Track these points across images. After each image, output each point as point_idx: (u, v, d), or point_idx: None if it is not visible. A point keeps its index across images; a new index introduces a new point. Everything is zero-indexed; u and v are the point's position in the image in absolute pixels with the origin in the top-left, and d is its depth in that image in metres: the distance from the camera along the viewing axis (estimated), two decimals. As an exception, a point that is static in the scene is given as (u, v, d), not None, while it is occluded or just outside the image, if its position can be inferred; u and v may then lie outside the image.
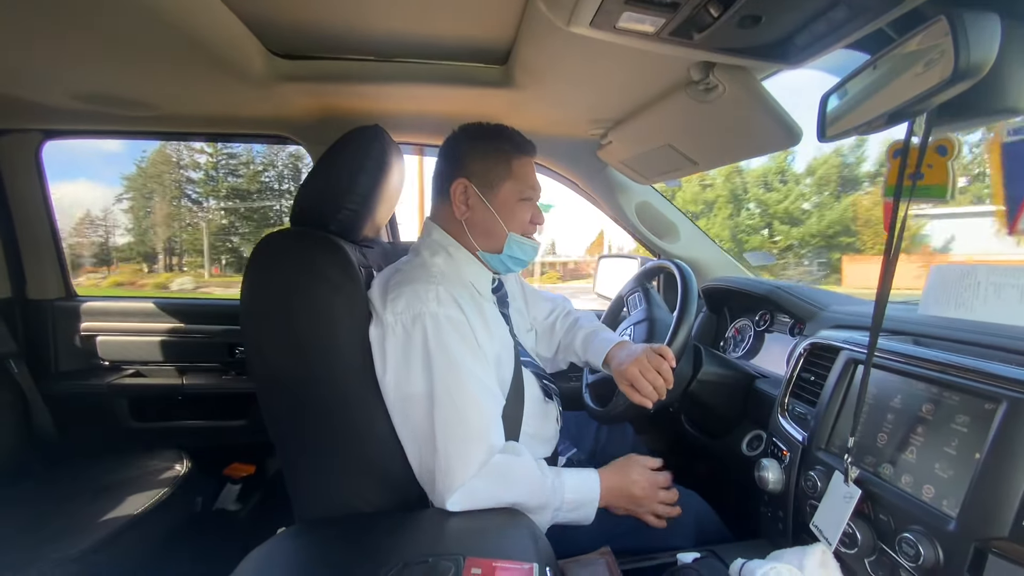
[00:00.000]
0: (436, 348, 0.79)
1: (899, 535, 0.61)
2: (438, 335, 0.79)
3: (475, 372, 0.81)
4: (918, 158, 0.60)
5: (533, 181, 0.96)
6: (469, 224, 0.93)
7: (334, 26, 0.94)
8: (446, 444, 0.78)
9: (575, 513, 0.85)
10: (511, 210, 0.93)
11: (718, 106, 0.94)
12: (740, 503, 1.00)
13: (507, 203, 0.93)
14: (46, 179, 1.58)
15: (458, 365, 0.79)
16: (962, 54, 0.51)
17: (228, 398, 1.61)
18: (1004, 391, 0.59)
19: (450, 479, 0.77)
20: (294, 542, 0.77)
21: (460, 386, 0.78)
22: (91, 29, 0.83)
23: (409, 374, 0.80)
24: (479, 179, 0.91)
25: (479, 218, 0.93)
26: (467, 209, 0.92)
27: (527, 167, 0.95)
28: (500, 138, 0.93)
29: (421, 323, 0.80)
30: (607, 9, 0.65)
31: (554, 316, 1.22)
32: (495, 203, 0.92)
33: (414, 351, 0.80)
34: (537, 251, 0.98)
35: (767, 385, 1.08)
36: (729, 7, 0.62)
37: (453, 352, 0.79)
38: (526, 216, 0.95)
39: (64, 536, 1.03)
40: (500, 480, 0.79)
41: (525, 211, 0.95)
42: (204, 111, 1.31)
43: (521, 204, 0.94)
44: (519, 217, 0.94)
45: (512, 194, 0.93)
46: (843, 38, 0.66)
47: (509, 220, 0.93)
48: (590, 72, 0.99)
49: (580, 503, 0.85)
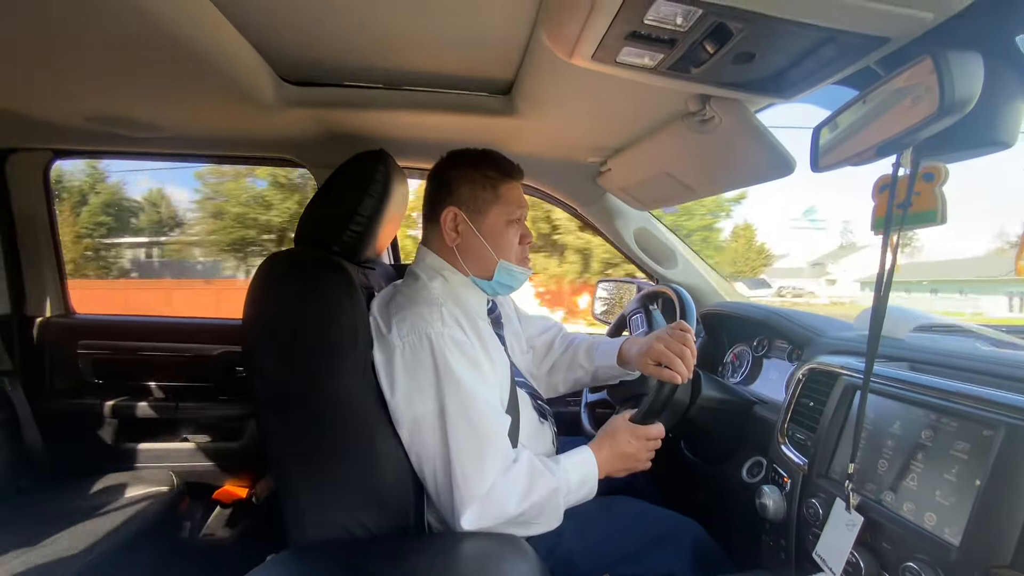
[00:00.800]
0: (444, 367, 0.80)
1: (903, 564, 0.61)
2: (445, 354, 0.80)
3: (481, 390, 0.82)
4: (908, 188, 0.62)
5: (520, 201, 0.97)
6: (460, 251, 0.95)
7: (344, 55, 0.98)
8: (462, 459, 0.78)
9: (580, 492, 0.87)
10: (500, 235, 0.95)
11: (714, 136, 0.97)
12: (741, 531, 0.99)
13: (495, 228, 0.94)
14: (52, 197, 1.60)
15: (466, 383, 0.80)
16: (947, 91, 0.53)
17: (221, 420, 1.59)
18: (1001, 417, 0.59)
19: (468, 492, 0.77)
20: (285, 569, 0.76)
21: (471, 402, 0.79)
22: (106, 52, 0.85)
23: (419, 394, 0.81)
24: (467, 206, 0.93)
25: (468, 245, 0.94)
26: (457, 236, 0.94)
27: (514, 191, 0.97)
28: (487, 164, 0.95)
29: (428, 343, 0.81)
30: (608, 44, 0.68)
31: (550, 334, 1.23)
32: (483, 230, 0.94)
33: (423, 371, 0.80)
34: (525, 277, 0.99)
35: (766, 411, 1.08)
36: (723, 45, 0.65)
37: (460, 371, 0.80)
38: (515, 239, 0.97)
39: (51, 560, 1.00)
40: (515, 484, 0.79)
41: (513, 234, 0.97)
42: (212, 133, 1.34)
43: (509, 227, 0.96)
44: (508, 241, 0.96)
45: (500, 218, 0.95)
46: (833, 75, 0.69)
47: (498, 246, 0.95)
48: (591, 102, 1.03)
49: (583, 480, 0.87)
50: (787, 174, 0.98)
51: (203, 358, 1.60)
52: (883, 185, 0.66)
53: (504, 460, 0.80)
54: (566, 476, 0.84)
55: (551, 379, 1.20)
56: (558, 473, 0.84)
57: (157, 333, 1.64)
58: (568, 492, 0.84)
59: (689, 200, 1.36)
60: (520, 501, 0.78)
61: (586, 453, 0.90)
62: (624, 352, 1.07)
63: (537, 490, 0.80)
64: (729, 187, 1.21)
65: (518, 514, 0.79)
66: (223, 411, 1.58)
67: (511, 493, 0.78)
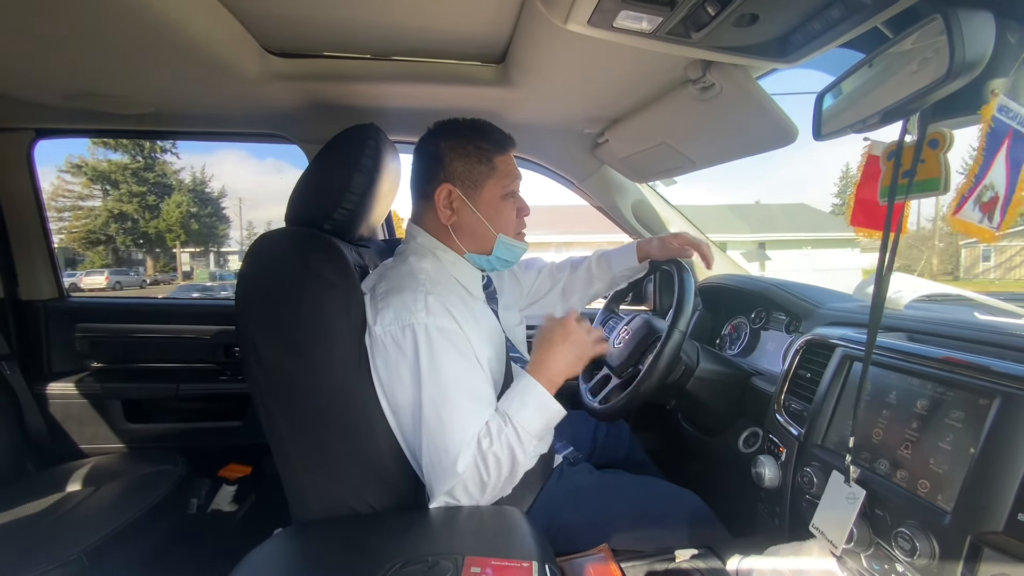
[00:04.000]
0: (425, 359, 0.78)
1: (895, 530, 0.62)
2: (428, 346, 0.78)
3: (465, 382, 0.79)
4: (914, 156, 0.61)
5: (515, 173, 0.94)
6: (455, 228, 0.92)
7: (330, 23, 0.94)
8: (430, 454, 0.78)
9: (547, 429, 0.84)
10: (496, 209, 0.92)
11: (715, 105, 0.94)
12: (737, 500, 1.01)
13: (491, 203, 0.91)
14: (38, 178, 1.57)
15: (445, 377, 0.78)
16: (957, 52, 0.51)
17: (223, 399, 1.60)
18: (998, 386, 0.60)
19: (438, 482, 0.78)
20: (291, 543, 0.77)
21: (445, 399, 0.77)
22: (83, 26, 0.82)
23: (399, 383, 0.80)
24: (462, 182, 0.90)
25: (465, 222, 0.91)
26: (452, 213, 0.91)
27: (508, 162, 0.93)
28: (479, 136, 0.91)
29: (411, 333, 0.79)
30: (604, 7, 0.65)
31: (545, 271, 1.28)
32: (480, 205, 0.91)
33: (403, 362, 0.79)
34: (524, 252, 0.98)
35: (763, 382, 1.08)
36: (727, 6, 0.62)
37: (442, 363, 0.78)
38: (512, 212, 0.94)
39: (57, 540, 1.02)
40: (478, 480, 0.78)
41: (511, 207, 0.94)
42: (198, 109, 1.30)
43: (505, 201, 0.93)
44: (505, 215, 0.93)
45: (495, 192, 0.92)
46: (839, 36, 0.67)
47: (496, 221, 0.92)
48: (587, 71, 0.99)
49: (545, 423, 0.82)
50: (789, 143, 0.96)
51: (201, 339, 1.60)
52: (891, 152, 0.65)
53: (472, 453, 0.77)
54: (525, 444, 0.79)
55: (567, 302, 1.26)
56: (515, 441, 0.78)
57: (153, 315, 1.64)
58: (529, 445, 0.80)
59: (688, 172, 1.33)
60: (487, 486, 0.78)
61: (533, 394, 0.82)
62: (643, 248, 1.17)
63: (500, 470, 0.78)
64: (729, 157, 1.19)
65: (490, 494, 0.79)
66: (224, 390, 1.59)
67: (477, 481, 0.78)
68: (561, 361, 0.86)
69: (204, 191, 27.04)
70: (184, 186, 26.01)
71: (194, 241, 26.40)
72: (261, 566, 0.70)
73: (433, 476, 0.79)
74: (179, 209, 24.90)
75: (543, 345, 0.88)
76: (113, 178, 23.56)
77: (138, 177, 24.17)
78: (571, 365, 0.87)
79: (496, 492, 0.81)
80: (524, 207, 0.97)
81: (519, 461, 0.79)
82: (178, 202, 25.06)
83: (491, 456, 0.77)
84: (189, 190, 26.08)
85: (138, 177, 24.17)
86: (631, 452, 1.27)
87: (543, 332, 0.90)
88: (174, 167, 25.79)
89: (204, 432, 1.60)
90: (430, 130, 0.95)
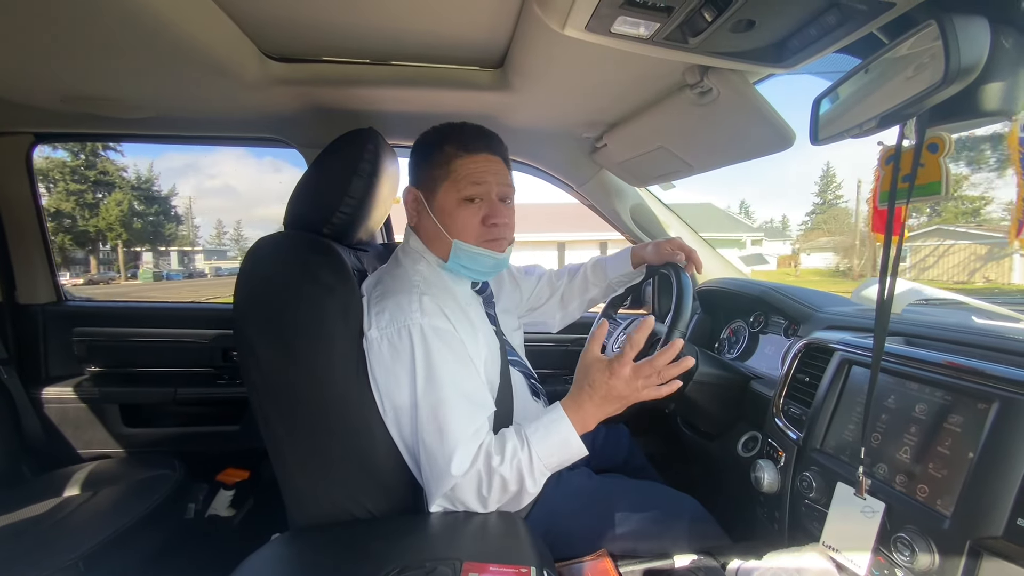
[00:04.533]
0: (420, 360, 0.78)
1: (895, 535, 0.62)
2: (424, 346, 0.78)
3: (460, 383, 0.79)
4: (913, 160, 0.61)
5: (477, 178, 0.87)
6: (418, 231, 0.93)
7: (329, 27, 0.94)
8: (428, 457, 0.78)
9: (562, 465, 0.81)
10: (450, 214, 0.88)
11: (712, 109, 0.95)
12: (736, 504, 1.01)
13: (446, 207, 0.88)
14: (36, 182, 1.57)
15: (441, 378, 0.77)
16: (952, 58, 0.52)
17: (221, 403, 1.60)
18: (997, 391, 0.60)
19: (436, 486, 0.77)
20: (289, 548, 0.77)
21: (440, 399, 0.77)
22: (82, 30, 0.82)
23: (396, 386, 0.80)
24: (423, 185, 0.91)
25: (424, 225, 0.92)
26: (416, 216, 0.92)
27: (472, 165, 0.88)
28: (448, 139, 0.89)
29: (407, 335, 0.79)
30: (602, 13, 0.66)
31: (544, 278, 1.28)
32: (435, 209, 0.89)
33: (400, 364, 0.79)
34: (495, 262, 0.91)
35: (762, 386, 1.08)
36: (723, 12, 0.62)
37: (437, 364, 0.78)
38: (472, 218, 0.88)
39: (54, 545, 1.02)
40: (476, 493, 0.77)
41: (470, 212, 0.88)
42: (196, 113, 1.30)
43: (463, 206, 0.88)
44: (461, 220, 0.88)
45: (451, 196, 0.88)
46: (835, 42, 0.67)
47: (451, 226, 0.88)
48: (585, 75, 1.00)
49: (561, 461, 0.80)
50: (786, 147, 0.97)
51: (199, 343, 1.60)
52: (889, 156, 0.65)
53: (468, 459, 0.75)
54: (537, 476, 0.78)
55: (565, 311, 1.27)
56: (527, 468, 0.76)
57: (151, 319, 1.63)
58: (541, 476, 0.78)
59: (686, 176, 1.33)
60: (486, 501, 0.77)
61: (560, 431, 0.79)
62: (637, 254, 1.17)
63: (505, 491, 0.77)
64: (727, 162, 1.19)
65: (486, 508, 0.78)
66: (222, 395, 1.58)
67: (475, 493, 0.77)
68: (599, 406, 0.80)
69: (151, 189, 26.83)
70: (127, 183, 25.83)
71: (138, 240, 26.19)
72: (259, 571, 0.70)
73: (430, 478, 0.78)
74: (119, 207, 24.79)
75: (584, 383, 0.80)
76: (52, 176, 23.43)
77: (77, 175, 24.03)
78: (610, 411, 0.80)
79: (494, 508, 0.80)
80: (492, 214, 0.89)
81: (527, 490, 0.77)
82: (118, 200, 24.92)
83: (497, 476, 0.75)
84: (132, 187, 25.91)
85: (77, 175, 24.03)
86: (630, 456, 1.27)
87: (587, 367, 0.81)
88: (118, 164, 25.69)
89: (202, 436, 1.60)
90: (422, 133, 0.96)
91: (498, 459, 0.76)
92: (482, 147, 0.90)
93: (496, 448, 0.77)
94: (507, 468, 0.75)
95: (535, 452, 0.77)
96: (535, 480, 0.77)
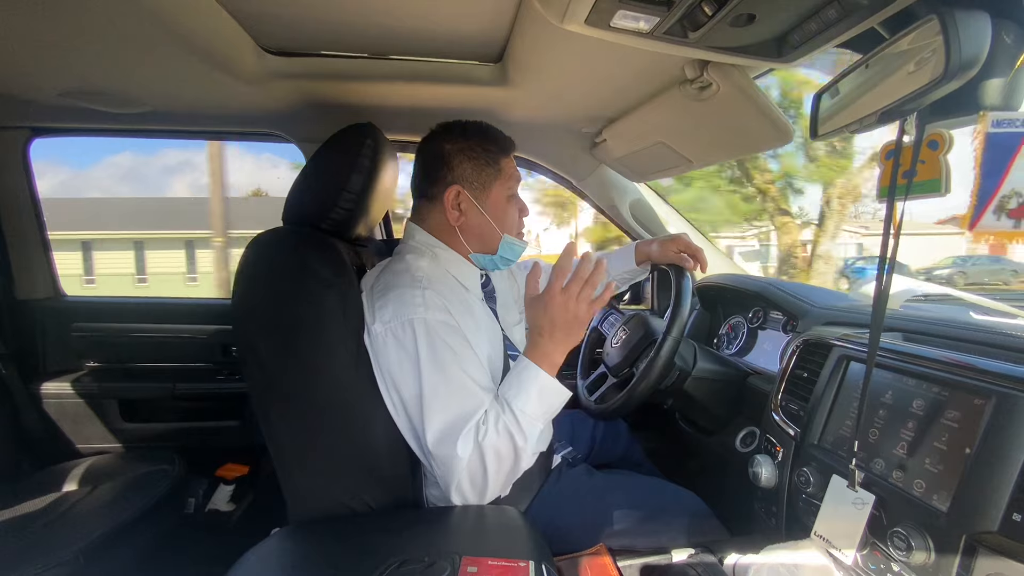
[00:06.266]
0: (425, 351, 0.78)
1: (891, 529, 0.62)
2: (428, 339, 0.79)
3: (466, 371, 0.80)
4: (913, 156, 0.61)
5: (518, 175, 0.97)
6: (463, 229, 0.93)
7: (327, 22, 0.93)
8: (436, 445, 0.78)
9: (550, 411, 0.82)
10: (503, 211, 0.94)
11: (712, 104, 0.94)
12: (734, 500, 1.01)
13: (498, 205, 0.93)
14: (34, 177, 1.56)
15: (447, 367, 0.78)
16: (953, 53, 0.52)
17: (221, 398, 1.60)
18: (994, 387, 0.60)
19: (447, 477, 0.78)
20: (288, 542, 0.77)
21: (447, 389, 0.78)
22: (79, 24, 0.81)
23: (403, 378, 0.80)
24: (470, 184, 0.91)
25: (474, 223, 0.92)
26: (460, 214, 0.91)
27: (512, 164, 0.96)
28: (485, 139, 0.93)
29: (410, 328, 0.79)
30: (601, 7, 0.65)
31: (544, 274, 1.26)
32: (487, 206, 0.92)
33: (405, 356, 0.79)
34: (524, 250, 0.99)
35: (760, 382, 1.09)
36: (723, 6, 0.62)
37: (442, 355, 0.79)
38: (516, 213, 0.97)
39: (54, 539, 1.02)
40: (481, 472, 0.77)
41: (514, 208, 0.96)
42: (195, 108, 1.30)
43: (510, 202, 0.95)
44: (510, 216, 0.95)
45: (502, 194, 0.94)
46: (835, 37, 0.67)
47: (501, 222, 0.94)
48: (584, 70, 0.99)
49: (548, 406, 0.81)
50: (786, 142, 0.96)
51: (198, 338, 1.60)
52: (889, 152, 0.65)
53: (472, 441, 0.77)
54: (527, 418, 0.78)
55: None
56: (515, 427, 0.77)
57: (150, 314, 1.63)
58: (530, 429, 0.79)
59: (685, 171, 1.33)
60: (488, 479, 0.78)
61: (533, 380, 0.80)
62: (642, 251, 1.17)
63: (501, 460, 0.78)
64: (726, 157, 1.19)
65: (493, 488, 0.79)
66: (222, 390, 1.58)
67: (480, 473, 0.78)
68: (554, 339, 0.81)
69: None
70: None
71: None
72: (258, 566, 0.70)
73: (443, 467, 0.78)
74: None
75: (533, 327, 0.84)
76: None
77: None
78: (567, 339, 0.81)
79: (500, 485, 0.80)
80: (524, 208, 0.99)
81: (520, 448, 0.78)
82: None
83: (490, 448, 0.76)
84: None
85: None
86: (629, 452, 1.27)
87: (528, 315, 0.84)
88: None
89: (201, 432, 1.60)
90: (434, 131, 0.95)
91: (483, 429, 0.77)
92: (512, 147, 0.96)
93: (482, 421, 0.78)
94: (493, 435, 0.76)
95: (516, 407, 0.78)
96: (525, 435, 0.78)
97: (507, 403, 0.79)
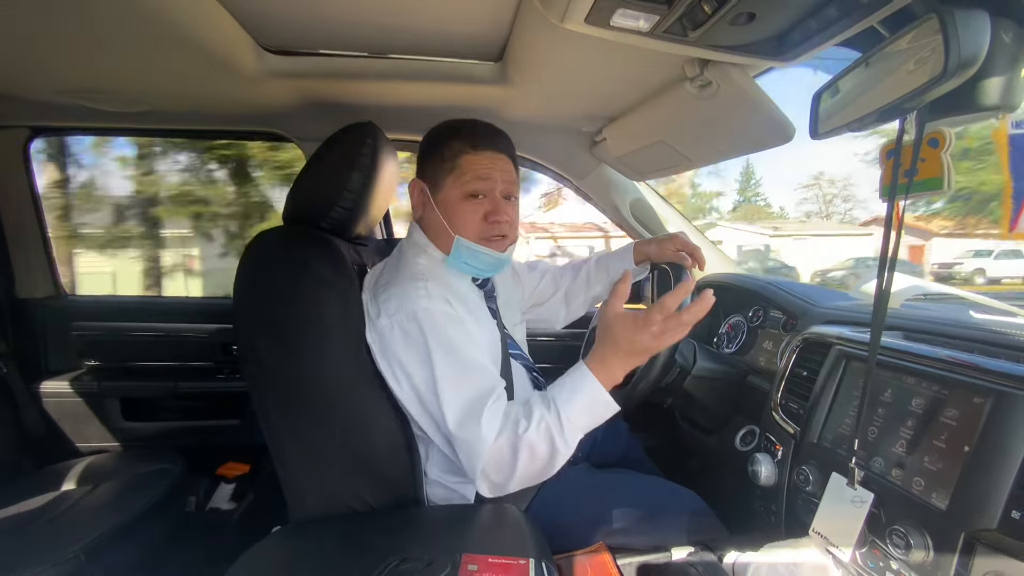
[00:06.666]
0: (433, 338, 0.79)
1: (890, 527, 0.62)
2: (434, 327, 0.79)
3: (475, 355, 0.81)
4: (913, 154, 0.61)
5: (483, 174, 0.88)
6: (422, 225, 0.94)
7: (327, 21, 0.93)
8: (457, 429, 0.76)
9: (595, 423, 0.78)
10: (453, 209, 0.88)
11: (712, 103, 0.94)
12: (734, 498, 1.01)
13: (449, 202, 0.89)
14: (34, 176, 1.56)
15: (456, 349, 0.79)
16: (952, 51, 0.52)
17: (222, 397, 1.60)
18: (993, 385, 0.60)
19: (472, 461, 0.75)
20: (289, 541, 0.77)
21: (459, 366, 0.78)
22: (79, 23, 0.81)
23: (414, 366, 0.80)
24: (429, 179, 0.91)
25: (428, 218, 0.92)
26: (420, 209, 0.92)
27: (478, 162, 0.88)
28: (458, 134, 0.89)
29: (416, 319, 0.80)
30: (601, 6, 0.65)
31: (548, 275, 1.28)
32: (439, 203, 0.90)
33: (413, 345, 0.80)
34: (496, 260, 0.91)
35: (760, 380, 1.09)
36: (723, 4, 0.62)
37: (450, 339, 0.79)
38: (475, 215, 0.88)
39: (55, 538, 1.02)
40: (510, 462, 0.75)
41: (472, 208, 0.88)
42: (194, 107, 1.30)
43: (466, 202, 0.88)
44: (463, 216, 0.88)
45: (455, 191, 0.88)
46: (835, 35, 0.67)
47: (453, 221, 0.88)
48: (585, 69, 0.99)
49: (593, 418, 0.77)
50: (786, 141, 0.96)
51: (199, 337, 1.60)
52: (890, 151, 0.65)
53: (498, 421, 0.75)
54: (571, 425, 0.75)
55: (569, 308, 1.27)
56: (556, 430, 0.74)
57: (150, 313, 1.63)
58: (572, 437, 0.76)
59: (685, 170, 1.33)
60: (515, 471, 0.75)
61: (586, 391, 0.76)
62: (640, 250, 1.15)
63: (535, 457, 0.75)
64: (727, 156, 1.19)
65: (518, 481, 0.77)
66: (222, 389, 1.59)
67: (509, 462, 0.75)
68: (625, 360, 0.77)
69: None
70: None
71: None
72: (259, 564, 0.70)
73: (467, 451, 0.76)
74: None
75: (608, 339, 0.77)
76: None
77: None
78: (635, 363, 0.78)
79: (527, 479, 0.78)
80: (495, 211, 0.89)
81: (559, 451, 0.75)
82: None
83: (525, 444, 0.73)
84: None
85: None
86: (629, 450, 1.27)
87: (609, 324, 0.78)
88: None
89: (202, 430, 1.60)
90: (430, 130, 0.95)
91: (524, 424, 0.74)
92: (490, 144, 0.90)
93: (523, 415, 0.76)
94: (534, 433, 0.73)
95: (563, 413, 0.75)
96: (566, 441, 0.75)
97: (555, 404, 0.76)
